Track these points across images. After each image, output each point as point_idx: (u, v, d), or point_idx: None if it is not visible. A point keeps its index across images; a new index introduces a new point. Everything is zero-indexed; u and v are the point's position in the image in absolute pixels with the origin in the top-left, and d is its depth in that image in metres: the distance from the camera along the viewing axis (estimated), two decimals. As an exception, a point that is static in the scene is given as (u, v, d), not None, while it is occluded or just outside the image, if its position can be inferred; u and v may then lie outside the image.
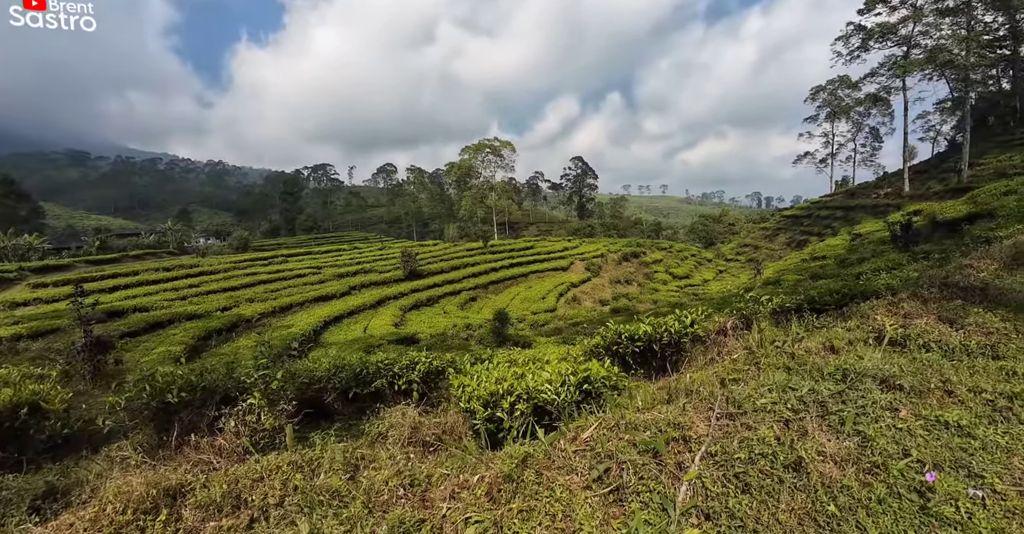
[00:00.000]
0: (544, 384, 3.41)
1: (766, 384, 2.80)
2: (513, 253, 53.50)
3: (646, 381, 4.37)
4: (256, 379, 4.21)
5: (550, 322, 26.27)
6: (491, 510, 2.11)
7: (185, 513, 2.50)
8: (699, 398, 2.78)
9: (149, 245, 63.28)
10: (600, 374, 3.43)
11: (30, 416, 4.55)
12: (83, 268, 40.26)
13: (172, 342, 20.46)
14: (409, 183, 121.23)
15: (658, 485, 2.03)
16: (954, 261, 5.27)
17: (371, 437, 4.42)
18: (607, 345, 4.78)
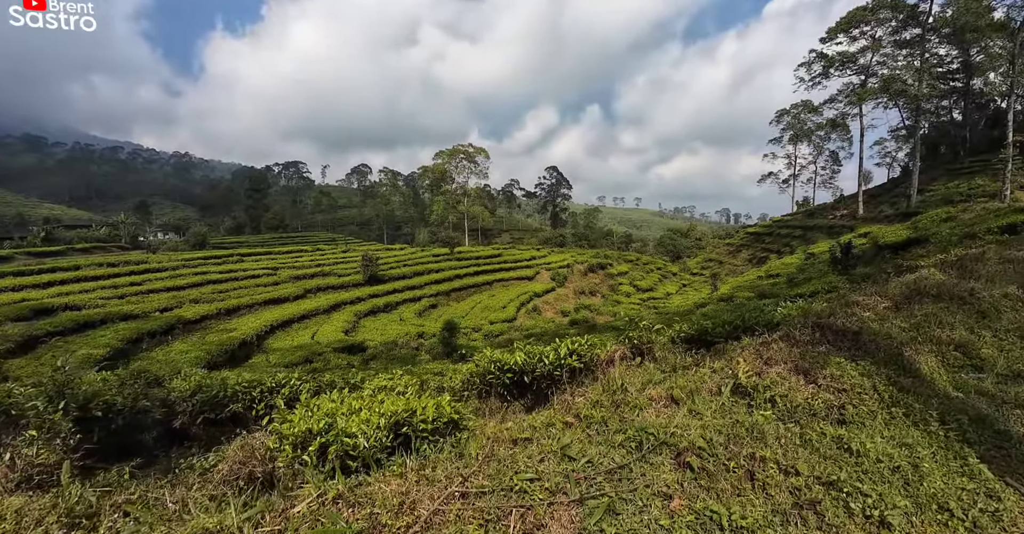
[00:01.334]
0: (361, 425, 3.04)
1: (548, 449, 2.50)
2: (479, 260, 53.10)
3: (517, 416, 4.05)
4: (39, 406, 3.69)
5: (506, 333, 25.92)
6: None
7: None
8: (482, 458, 2.43)
9: (99, 238, 59.92)
10: (429, 414, 3.08)
11: None
12: (23, 260, 37.86)
13: (96, 344, 19.25)
14: (382, 185, 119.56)
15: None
16: (843, 297, 5.16)
17: (196, 471, 3.96)
18: (482, 374, 4.46)
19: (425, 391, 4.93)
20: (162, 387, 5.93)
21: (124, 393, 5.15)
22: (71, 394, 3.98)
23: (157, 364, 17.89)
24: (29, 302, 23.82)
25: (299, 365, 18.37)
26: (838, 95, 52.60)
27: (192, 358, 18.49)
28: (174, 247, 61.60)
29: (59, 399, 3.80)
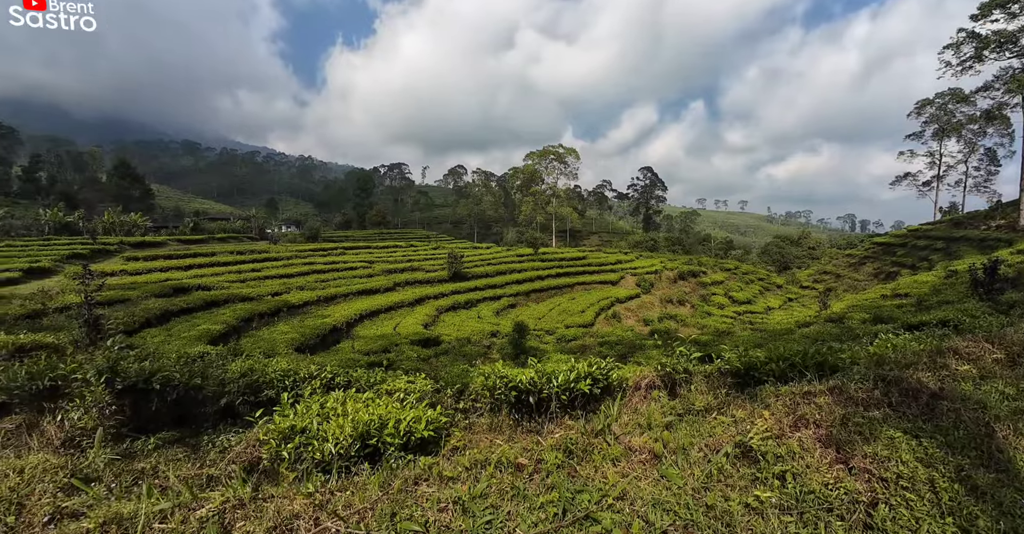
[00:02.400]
0: (336, 430, 2.96)
1: (463, 495, 2.12)
2: (563, 262, 52.56)
3: (504, 441, 3.74)
4: (87, 378, 4.13)
5: (580, 338, 25.28)
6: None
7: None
8: (395, 493, 2.13)
9: (234, 229, 69.31)
10: (401, 427, 2.90)
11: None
12: (173, 246, 44.83)
13: (216, 321, 21.99)
14: (475, 185, 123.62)
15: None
16: (938, 340, 4.02)
17: (216, 449, 4.20)
18: (492, 388, 4.20)
19: (444, 397, 4.79)
20: (223, 367, 6.46)
21: (183, 370, 5.66)
22: (121, 369, 4.42)
23: (261, 342, 20.08)
24: (171, 281, 28.05)
25: (378, 353, 19.52)
26: (994, 82, 43.75)
27: (289, 339, 20.43)
28: (292, 239, 69.23)
29: (106, 373, 4.24)
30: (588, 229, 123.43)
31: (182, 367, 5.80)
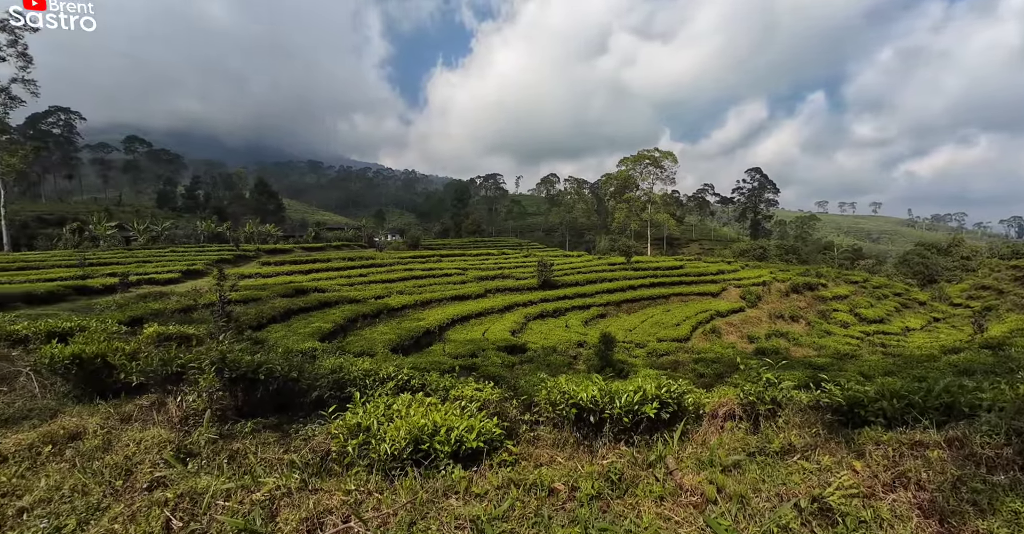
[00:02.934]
0: (393, 432, 3.01)
1: (480, 517, 1.90)
2: (657, 272, 50.15)
3: (563, 459, 3.52)
4: (204, 366, 4.67)
5: (673, 353, 23.81)
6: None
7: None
8: (411, 507, 1.99)
9: (348, 238, 76.50)
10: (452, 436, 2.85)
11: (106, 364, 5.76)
12: (299, 253, 50.61)
13: (327, 320, 24.27)
14: (567, 193, 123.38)
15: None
16: None
17: (301, 437, 4.49)
18: (553, 402, 4.00)
19: (510, 407, 4.72)
20: (316, 364, 7.01)
21: (283, 364, 6.23)
22: (230, 361, 4.97)
23: (362, 341, 21.74)
24: (293, 284, 31.58)
25: (466, 357, 20.08)
26: None
27: (387, 339, 21.86)
28: (396, 247, 74.67)
29: (217, 364, 4.79)
30: (687, 236, 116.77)
31: (283, 361, 6.38)
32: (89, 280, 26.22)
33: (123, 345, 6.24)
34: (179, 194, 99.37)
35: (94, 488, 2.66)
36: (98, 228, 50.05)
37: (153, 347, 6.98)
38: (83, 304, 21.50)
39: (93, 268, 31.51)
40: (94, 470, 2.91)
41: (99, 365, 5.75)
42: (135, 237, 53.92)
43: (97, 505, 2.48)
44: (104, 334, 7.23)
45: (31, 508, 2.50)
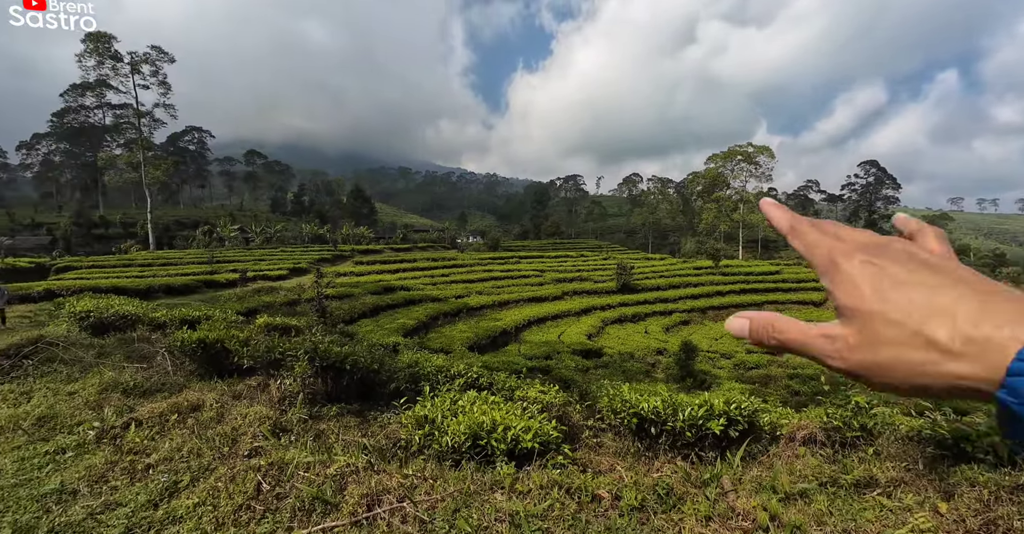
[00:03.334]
0: (455, 426, 3.17)
1: (505, 511, 1.84)
2: (749, 277, 46.67)
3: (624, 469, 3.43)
4: (300, 354, 5.19)
5: (765, 367, 21.90)
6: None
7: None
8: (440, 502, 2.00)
9: (432, 239, 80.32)
10: (508, 434, 2.92)
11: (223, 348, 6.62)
12: (388, 253, 54.10)
13: (411, 317, 25.68)
14: (650, 193, 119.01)
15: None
16: None
17: (378, 424, 4.84)
18: (615, 409, 3.91)
19: (573, 411, 4.73)
20: (395, 358, 7.48)
21: (367, 357, 6.73)
22: (321, 351, 5.49)
23: (442, 338, 22.70)
24: (382, 282, 33.78)
25: (540, 359, 20.17)
26: None
27: (465, 337, 22.62)
28: (477, 248, 77.02)
29: (309, 353, 5.31)
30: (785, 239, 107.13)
31: (367, 354, 6.89)
32: (215, 275, 30.17)
33: (238, 333, 7.08)
34: (288, 200, 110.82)
35: (206, 452, 3.12)
36: (223, 230, 57.33)
37: (262, 335, 7.87)
38: (210, 295, 24.81)
39: (219, 265, 36.19)
40: (207, 437, 3.40)
41: (219, 349, 6.62)
42: (252, 238, 60.95)
43: (207, 466, 2.91)
44: (224, 323, 8.28)
45: (155, 464, 3.00)
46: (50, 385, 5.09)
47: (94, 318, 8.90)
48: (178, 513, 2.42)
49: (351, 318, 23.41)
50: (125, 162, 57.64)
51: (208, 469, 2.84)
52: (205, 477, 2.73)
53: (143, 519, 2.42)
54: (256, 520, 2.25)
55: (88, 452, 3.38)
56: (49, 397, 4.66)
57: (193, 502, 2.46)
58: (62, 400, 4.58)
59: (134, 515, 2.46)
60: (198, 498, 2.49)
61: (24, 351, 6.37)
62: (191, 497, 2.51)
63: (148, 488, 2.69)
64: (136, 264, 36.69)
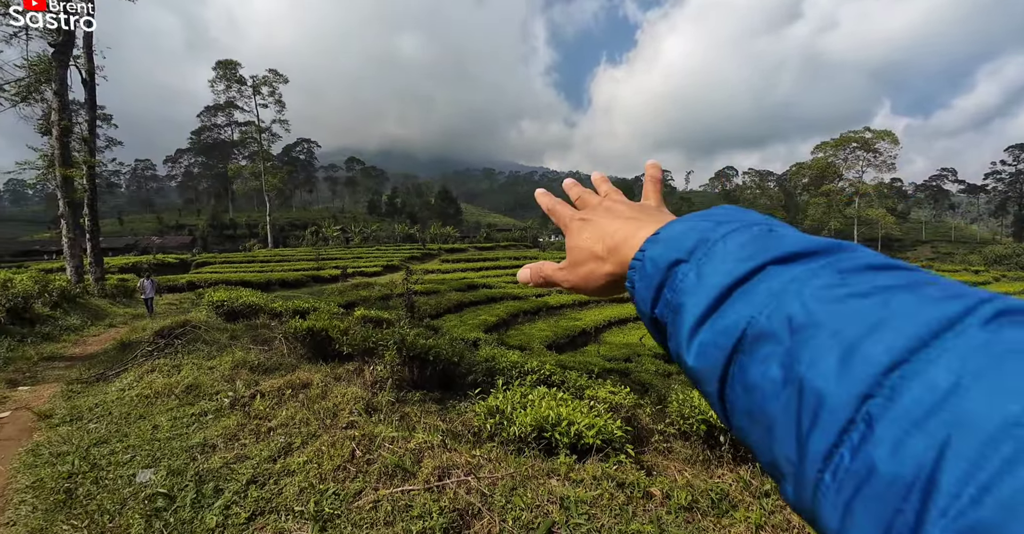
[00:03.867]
0: (523, 418, 3.39)
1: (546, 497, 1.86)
2: (864, 278, 41.64)
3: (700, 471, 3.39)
4: (389, 344, 5.72)
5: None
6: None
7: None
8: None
9: (514, 238, 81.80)
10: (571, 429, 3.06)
11: (327, 337, 7.46)
12: (472, 252, 56.14)
13: (492, 314, 26.50)
14: (746, 188, 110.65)
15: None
16: None
17: (455, 412, 5.24)
18: (684, 415, 3.85)
19: (643, 414, 4.75)
20: (474, 353, 7.91)
21: (448, 350, 7.21)
22: (408, 343, 6.01)
23: (521, 335, 23.15)
24: (466, 279, 35.16)
25: (619, 361, 19.81)
26: None
27: (543, 336, 22.86)
28: (559, 247, 77.17)
29: (397, 344, 5.84)
30: (913, 237, 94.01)
31: (449, 347, 7.38)
32: (321, 271, 33.42)
33: (339, 323, 7.91)
34: (383, 202, 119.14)
35: (313, 421, 3.65)
36: (327, 231, 63.15)
37: (358, 326, 8.71)
38: (317, 289, 27.61)
39: (324, 262, 40.01)
40: (314, 410, 3.95)
41: (323, 337, 7.48)
42: (352, 237, 66.44)
43: (313, 433, 3.41)
44: (327, 314, 9.28)
45: (275, 428, 3.58)
46: (195, 361, 6.14)
47: (227, 307, 10.44)
48: (291, 467, 2.91)
49: (437, 313, 24.71)
50: (249, 172, 65.83)
51: (314, 435, 3.34)
52: (312, 441, 3.22)
53: (265, 470, 2.94)
54: (350, 479, 2.65)
55: (224, 416, 4.09)
56: (194, 370, 5.64)
57: (303, 460, 2.94)
58: (204, 373, 5.52)
59: (258, 467, 3.00)
60: (306, 457, 2.96)
61: (175, 332, 7.70)
62: (301, 456, 3.00)
63: (269, 446, 3.24)
64: (258, 260, 41.80)
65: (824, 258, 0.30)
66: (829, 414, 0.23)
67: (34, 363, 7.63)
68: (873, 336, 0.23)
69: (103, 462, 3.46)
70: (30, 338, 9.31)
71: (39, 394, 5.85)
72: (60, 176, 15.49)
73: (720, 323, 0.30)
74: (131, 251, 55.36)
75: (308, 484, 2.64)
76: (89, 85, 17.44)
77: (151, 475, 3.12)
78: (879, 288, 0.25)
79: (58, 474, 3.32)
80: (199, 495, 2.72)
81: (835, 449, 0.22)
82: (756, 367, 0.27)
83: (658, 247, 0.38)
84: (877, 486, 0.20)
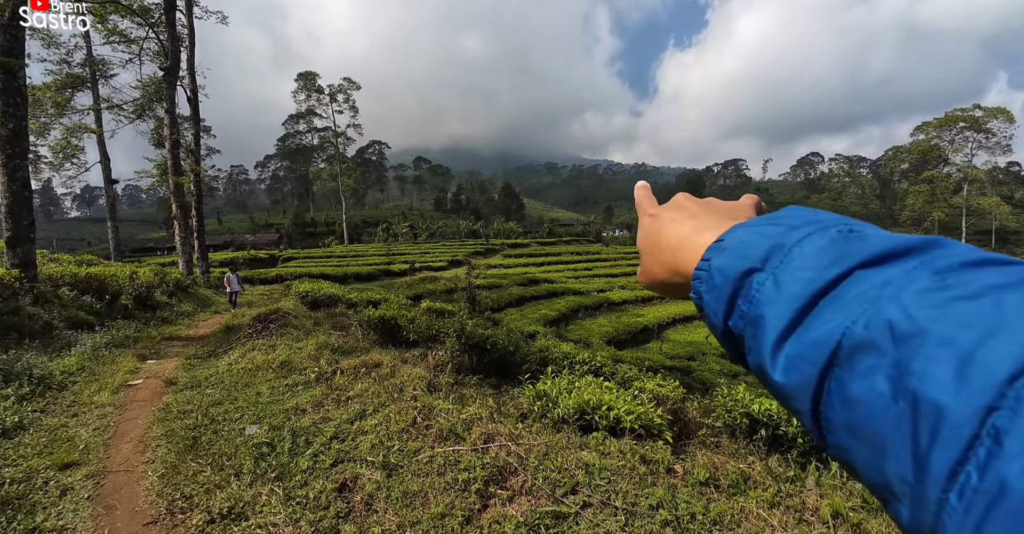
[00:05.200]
0: (565, 401, 3.73)
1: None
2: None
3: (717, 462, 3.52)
4: (450, 332, 6.24)
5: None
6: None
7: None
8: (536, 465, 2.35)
9: (577, 233, 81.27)
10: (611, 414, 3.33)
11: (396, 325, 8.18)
12: (534, 247, 56.66)
13: (552, 308, 26.79)
14: (832, 175, 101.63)
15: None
16: None
17: (509, 396, 5.68)
18: (727, 408, 3.96)
19: (689, 407, 4.91)
20: (529, 344, 8.30)
21: (505, 340, 7.65)
22: (467, 332, 6.52)
23: (581, 330, 23.25)
24: (528, 274, 35.67)
25: (681, 359, 19.38)
26: None
27: (604, 332, 22.81)
28: (623, 241, 75.64)
29: (457, 333, 6.37)
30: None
31: (506, 337, 7.83)
32: (391, 266, 35.44)
33: (407, 313, 8.63)
34: (448, 199, 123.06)
35: (383, 394, 4.23)
36: (397, 227, 66.43)
37: (424, 316, 9.41)
38: (387, 282, 29.41)
39: (393, 256, 42.30)
40: (384, 386, 4.55)
41: (392, 325, 8.22)
42: (419, 233, 69.38)
43: (383, 403, 3.98)
44: (396, 305, 10.09)
45: (352, 398, 4.20)
46: (287, 342, 7.07)
47: (311, 297, 11.64)
48: (365, 428, 3.47)
49: (499, 307, 25.40)
50: (327, 174, 70.69)
51: (384, 404, 3.90)
52: (381, 409, 3.78)
53: (344, 429, 3.54)
54: (412, 439, 3.14)
55: (311, 387, 4.81)
56: (286, 350, 6.52)
57: (374, 423, 3.49)
58: (294, 353, 6.38)
59: (339, 426, 3.60)
60: (377, 421, 3.51)
61: (270, 318, 8.80)
62: (373, 419, 3.56)
63: (348, 411, 3.85)
64: (335, 256, 45.01)
65: (916, 257, 0.28)
66: (950, 430, 0.21)
67: (157, 341, 9.07)
68: (989, 343, 0.21)
69: (219, 418, 4.25)
70: (152, 322, 10.99)
71: (164, 366, 7.02)
72: (172, 183, 17.85)
73: (809, 335, 0.28)
74: (228, 247, 61.67)
75: (378, 441, 3.17)
76: (193, 102, 19.88)
77: (257, 429, 3.83)
78: (986, 288, 0.23)
79: (185, 426, 4.15)
80: (294, 445, 3.35)
81: (960, 467, 0.20)
82: (858, 381, 0.25)
83: (725, 256, 0.36)
84: (1011, 505, 0.18)
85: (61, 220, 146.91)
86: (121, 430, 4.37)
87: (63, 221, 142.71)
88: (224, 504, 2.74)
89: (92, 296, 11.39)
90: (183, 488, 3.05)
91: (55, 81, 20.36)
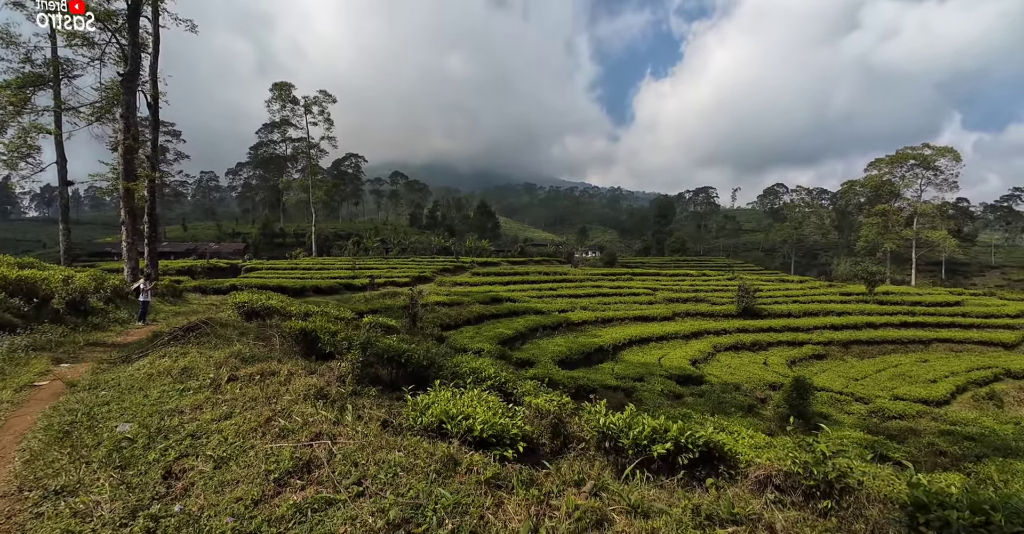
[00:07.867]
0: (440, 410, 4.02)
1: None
2: (916, 308, 39.31)
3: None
4: (354, 344, 6.47)
5: (911, 418, 17.60)
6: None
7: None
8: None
9: (548, 253, 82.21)
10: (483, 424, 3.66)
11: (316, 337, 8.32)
12: (504, 266, 56.98)
13: (510, 327, 27.00)
14: (794, 206, 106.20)
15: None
16: None
17: (397, 405, 5.88)
18: (587, 421, 4.31)
19: (574, 423, 5.19)
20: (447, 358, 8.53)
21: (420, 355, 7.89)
22: (372, 345, 6.77)
23: (535, 349, 23.45)
24: (491, 293, 35.89)
25: (630, 379, 19.76)
26: None
27: (557, 351, 23.08)
28: (592, 263, 76.85)
29: (363, 344, 6.60)
30: (981, 262, 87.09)
31: (422, 353, 8.05)
32: (355, 280, 35.20)
33: (331, 326, 8.79)
34: (424, 215, 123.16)
35: (260, 399, 4.46)
36: (368, 241, 66.08)
37: (349, 329, 9.57)
38: (347, 296, 29.19)
39: (359, 271, 42.01)
40: (266, 392, 4.77)
41: (314, 337, 8.38)
42: (391, 248, 69.09)
43: (252, 406, 4.22)
44: (326, 318, 10.22)
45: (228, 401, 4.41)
46: (201, 350, 7.16)
47: (248, 307, 11.64)
48: (222, 427, 3.71)
49: (456, 324, 25.51)
50: (299, 185, 70.18)
51: (250, 408, 4.13)
52: (246, 412, 4.01)
53: (204, 428, 3.76)
54: (256, 437, 3.39)
55: (200, 391, 4.98)
56: (196, 357, 6.63)
57: (231, 423, 3.72)
58: (203, 360, 6.49)
59: (200, 426, 3.83)
60: (235, 422, 3.74)
61: (196, 327, 8.84)
62: (232, 420, 3.78)
63: (215, 413, 4.07)
64: (300, 268, 44.41)
65: None
66: None
67: (80, 347, 8.98)
68: None
69: (99, 416, 4.42)
70: (82, 327, 10.82)
71: (76, 370, 7.01)
72: (122, 188, 17.66)
73: None
74: (191, 255, 60.06)
75: (224, 438, 3.41)
76: (153, 108, 19.85)
77: (128, 427, 4.00)
78: None
79: (64, 422, 4.32)
80: (151, 440, 3.55)
81: None
82: None
83: None
84: None
85: (18, 220, 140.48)
86: (9, 424, 4.53)
87: (20, 221, 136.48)
88: (60, 484, 3.00)
89: (21, 299, 11.19)
90: (37, 471, 3.27)
91: (15, 79, 20.11)
